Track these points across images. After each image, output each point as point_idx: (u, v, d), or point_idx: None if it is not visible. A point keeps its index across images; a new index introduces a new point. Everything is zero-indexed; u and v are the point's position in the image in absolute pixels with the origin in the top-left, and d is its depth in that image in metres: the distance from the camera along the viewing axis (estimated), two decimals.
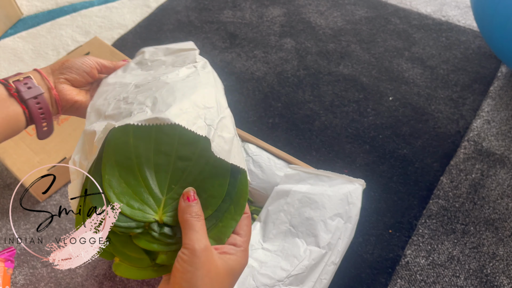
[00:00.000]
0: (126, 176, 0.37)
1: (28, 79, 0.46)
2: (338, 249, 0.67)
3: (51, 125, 0.48)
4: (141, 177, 0.37)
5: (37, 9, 1.36)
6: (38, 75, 0.47)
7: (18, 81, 0.45)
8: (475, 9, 0.98)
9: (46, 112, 0.46)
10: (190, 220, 0.35)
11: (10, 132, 0.45)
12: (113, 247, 0.38)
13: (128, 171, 0.37)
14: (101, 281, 0.78)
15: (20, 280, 0.79)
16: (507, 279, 0.75)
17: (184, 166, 0.38)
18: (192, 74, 0.45)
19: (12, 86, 0.44)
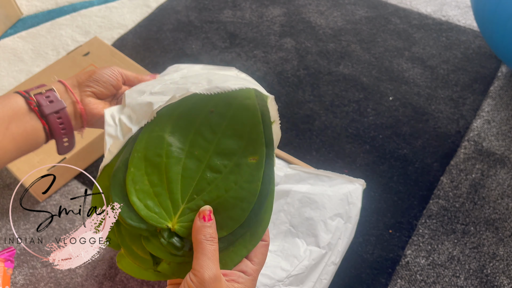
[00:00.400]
0: (152, 174, 0.35)
1: (50, 91, 0.44)
2: (338, 249, 0.67)
3: (73, 140, 0.46)
4: (166, 178, 0.35)
5: (37, 9, 1.36)
6: (62, 87, 0.45)
7: (39, 94, 0.43)
8: (475, 9, 0.98)
9: (68, 127, 0.44)
10: (203, 243, 0.33)
11: (28, 148, 0.43)
12: (121, 238, 0.37)
13: (155, 169, 0.35)
14: (101, 281, 0.78)
15: (20, 280, 0.78)
16: (507, 279, 0.75)
17: (212, 178, 0.35)
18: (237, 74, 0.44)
19: (33, 99, 0.42)
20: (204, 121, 0.37)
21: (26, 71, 1.18)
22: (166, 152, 0.36)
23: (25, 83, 1.04)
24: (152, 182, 0.35)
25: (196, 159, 0.36)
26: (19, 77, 1.16)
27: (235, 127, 0.36)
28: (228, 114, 0.37)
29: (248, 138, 0.36)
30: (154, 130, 0.37)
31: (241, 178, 0.35)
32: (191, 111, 0.37)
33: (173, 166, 0.35)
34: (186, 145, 0.36)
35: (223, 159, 0.36)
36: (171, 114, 0.37)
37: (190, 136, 0.36)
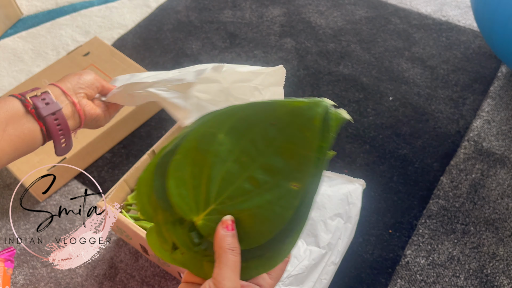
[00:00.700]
0: (195, 166, 0.35)
1: (46, 94, 0.44)
2: (338, 249, 0.67)
3: (70, 141, 0.47)
4: (207, 175, 0.35)
5: (37, 9, 1.36)
6: (57, 90, 0.46)
7: (35, 97, 0.44)
8: (475, 9, 0.98)
9: (65, 128, 0.45)
10: (227, 253, 0.32)
11: (26, 150, 0.44)
12: (155, 213, 0.37)
13: (200, 163, 0.35)
14: (101, 281, 0.78)
15: (20, 280, 0.79)
16: (507, 279, 0.75)
17: (249, 189, 0.35)
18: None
19: (29, 102, 0.43)
20: (262, 131, 0.36)
21: (26, 71, 1.18)
22: (216, 150, 0.35)
23: (25, 83, 1.04)
24: (193, 173, 0.35)
25: (241, 166, 0.35)
26: (19, 77, 1.16)
27: (290, 146, 0.35)
28: (287, 132, 0.35)
29: (298, 162, 0.35)
30: (211, 125, 0.36)
31: (277, 201, 0.34)
32: (253, 117, 0.36)
33: (217, 165, 0.35)
34: (236, 150, 0.36)
35: (266, 175, 0.35)
36: (232, 114, 0.37)
37: (243, 142, 0.36)
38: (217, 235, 0.33)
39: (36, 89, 0.45)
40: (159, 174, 0.36)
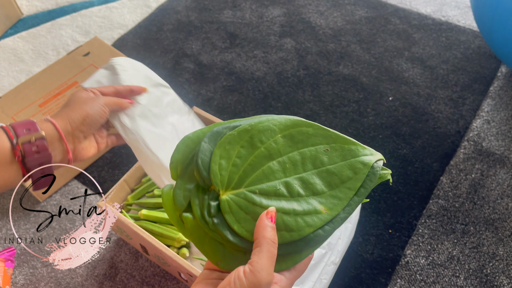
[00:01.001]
0: (244, 148, 0.37)
1: (40, 141, 0.41)
2: (338, 249, 0.67)
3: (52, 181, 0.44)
4: (250, 161, 0.37)
5: (37, 9, 1.36)
6: (54, 133, 0.42)
7: (28, 143, 0.40)
8: (475, 9, 0.98)
9: (49, 178, 0.42)
10: (269, 243, 0.32)
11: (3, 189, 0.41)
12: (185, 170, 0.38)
13: (249, 148, 0.37)
14: (101, 281, 0.78)
15: (20, 280, 0.79)
16: (507, 279, 0.75)
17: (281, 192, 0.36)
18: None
19: (19, 149, 0.40)
20: (314, 152, 0.38)
21: (26, 71, 1.18)
22: (269, 145, 0.37)
23: (26, 83, 1.04)
24: (240, 153, 0.37)
25: (283, 169, 0.37)
26: (19, 77, 1.17)
27: (334, 178, 0.37)
28: (337, 163, 0.38)
29: (335, 195, 0.36)
30: (276, 124, 0.38)
31: (302, 214, 0.36)
32: (313, 136, 0.38)
33: (263, 157, 0.37)
34: (286, 154, 0.37)
35: (302, 189, 0.37)
36: (297, 124, 0.39)
37: (294, 152, 0.38)
38: (261, 223, 0.33)
39: (32, 128, 0.41)
40: (211, 139, 0.37)
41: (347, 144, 0.38)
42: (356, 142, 0.38)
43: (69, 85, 1.02)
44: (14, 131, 0.41)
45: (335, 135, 0.38)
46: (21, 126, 0.41)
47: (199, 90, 1.09)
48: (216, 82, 1.10)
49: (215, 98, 1.06)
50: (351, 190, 0.37)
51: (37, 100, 1.01)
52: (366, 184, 0.37)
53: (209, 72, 1.13)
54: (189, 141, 0.38)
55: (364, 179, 0.37)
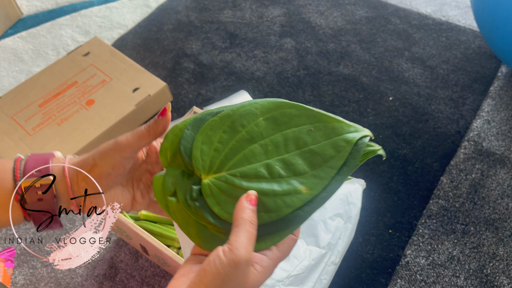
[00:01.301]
0: (226, 133, 0.37)
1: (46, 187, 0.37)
2: (338, 249, 0.67)
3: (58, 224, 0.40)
4: (231, 145, 0.37)
5: (37, 9, 1.36)
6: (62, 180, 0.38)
7: (32, 188, 0.37)
8: (475, 9, 0.98)
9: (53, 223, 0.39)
10: (247, 224, 0.32)
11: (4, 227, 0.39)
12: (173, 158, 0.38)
13: (231, 133, 0.37)
14: (101, 281, 0.78)
15: (20, 280, 0.78)
16: (507, 279, 0.75)
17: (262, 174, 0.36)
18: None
19: (20, 192, 0.37)
20: (297, 132, 0.38)
21: (26, 71, 1.18)
22: (250, 129, 0.38)
23: (26, 83, 1.04)
24: (221, 138, 0.37)
25: (265, 151, 0.37)
26: (19, 77, 1.16)
27: (316, 156, 0.37)
28: (320, 142, 0.37)
29: (317, 172, 0.36)
30: (257, 108, 0.38)
31: (282, 195, 0.36)
32: (296, 117, 0.38)
33: (245, 141, 0.37)
34: (268, 137, 0.38)
35: (283, 170, 0.37)
36: (279, 106, 0.39)
37: (277, 134, 0.38)
38: (239, 205, 0.33)
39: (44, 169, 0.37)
40: (194, 126, 0.38)
41: (331, 122, 0.38)
42: (341, 120, 0.38)
43: (69, 85, 1.02)
44: (25, 168, 0.38)
45: (319, 114, 0.38)
46: (33, 164, 0.38)
47: (199, 90, 1.08)
48: (216, 82, 1.10)
49: (215, 98, 1.06)
50: (333, 169, 0.36)
51: (37, 100, 1.00)
52: (349, 162, 0.37)
53: (209, 72, 1.12)
54: (177, 129, 0.39)
55: (347, 157, 0.37)
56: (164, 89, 1.01)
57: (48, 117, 0.97)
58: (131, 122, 0.99)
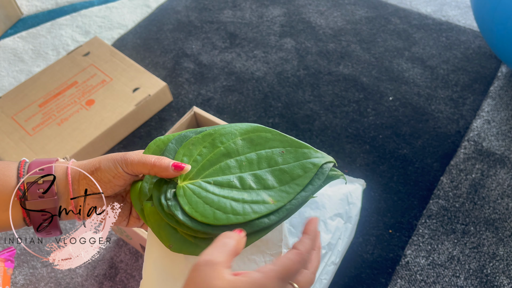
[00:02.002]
0: (206, 148, 0.41)
1: (48, 184, 0.37)
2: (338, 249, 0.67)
3: (57, 231, 0.40)
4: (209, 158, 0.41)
5: (37, 9, 1.36)
6: (63, 180, 0.39)
7: (35, 184, 0.37)
8: (475, 9, 0.98)
9: (53, 225, 0.39)
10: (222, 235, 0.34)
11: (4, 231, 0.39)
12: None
13: (210, 148, 0.41)
14: (101, 281, 0.78)
15: (20, 280, 0.79)
16: (507, 279, 0.75)
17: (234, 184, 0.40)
18: None
19: (22, 188, 0.37)
20: (270, 154, 0.42)
21: (26, 71, 1.18)
22: (228, 146, 0.42)
23: (26, 83, 1.04)
24: (201, 152, 0.41)
25: (239, 166, 0.42)
26: (19, 77, 1.16)
27: (285, 176, 0.41)
28: (289, 163, 0.42)
29: (284, 190, 0.41)
30: (237, 129, 0.43)
31: (250, 202, 0.40)
32: (271, 141, 0.43)
33: (221, 155, 0.41)
34: (243, 154, 0.42)
35: (254, 182, 0.41)
36: (256, 130, 0.43)
37: (252, 153, 0.42)
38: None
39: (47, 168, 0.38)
40: (178, 141, 0.42)
41: (301, 147, 0.43)
42: (310, 146, 0.43)
43: (69, 85, 1.02)
44: (28, 168, 0.38)
45: (291, 140, 0.43)
46: (37, 164, 0.38)
47: (199, 90, 1.08)
48: (216, 82, 1.10)
49: (215, 98, 1.06)
50: (299, 186, 0.41)
51: (37, 100, 1.01)
52: (314, 182, 0.42)
53: (209, 72, 1.12)
54: (160, 142, 0.43)
55: (312, 177, 0.42)
56: (164, 89, 1.02)
57: (48, 117, 0.97)
58: (131, 122, 0.99)
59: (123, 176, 0.39)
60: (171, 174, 0.39)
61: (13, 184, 0.38)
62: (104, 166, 0.39)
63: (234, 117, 1.02)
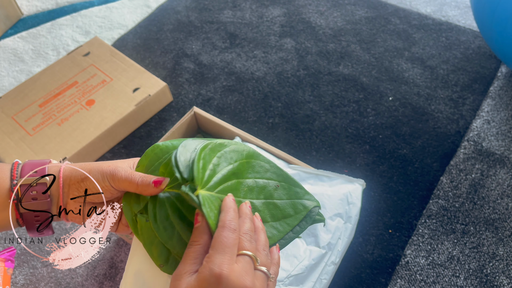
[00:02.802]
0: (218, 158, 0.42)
1: (41, 186, 0.38)
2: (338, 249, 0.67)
3: (50, 231, 0.41)
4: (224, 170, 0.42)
5: (37, 9, 1.36)
6: (55, 182, 0.39)
7: (28, 187, 0.38)
8: (475, 9, 0.98)
9: (45, 226, 0.40)
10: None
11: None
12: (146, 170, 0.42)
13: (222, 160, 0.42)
14: (101, 281, 0.78)
15: (20, 280, 0.79)
16: (507, 279, 0.75)
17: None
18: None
19: (16, 190, 0.38)
20: (267, 184, 0.44)
21: (27, 71, 1.18)
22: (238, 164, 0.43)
23: (26, 83, 1.04)
24: (214, 162, 0.41)
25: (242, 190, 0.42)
26: (20, 77, 1.17)
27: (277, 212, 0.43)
28: (282, 199, 0.44)
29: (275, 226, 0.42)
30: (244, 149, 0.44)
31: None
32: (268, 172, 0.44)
33: (232, 174, 0.42)
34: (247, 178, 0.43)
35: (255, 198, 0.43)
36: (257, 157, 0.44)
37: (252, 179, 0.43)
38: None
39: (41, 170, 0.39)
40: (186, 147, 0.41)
41: (295, 186, 0.45)
42: (301, 186, 0.45)
43: (69, 85, 1.03)
44: (22, 170, 0.39)
45: (286, 175, 0.45)
46: (31, 166, 0.39)
47: (199, 90, 1.09)
48: (216, 82, 1.10)
49: (215, 98, 1.06)
50: (289, 226, 0.43)
51: (37, 100, 1.01)
52: (302, 224, 0.43)
53: (209, 72, 1.13)
54: (158, 150, 0.43)
55: (301, 219, 0.43)
56: (164, 89, 1.02)
57: (48, 117, 0.97)
58: (131, 122, 0.99)
59: (110, 190, 0.39)
60: (153, 191, 0.38)
61: (6, 187, 0.38)
62: (93, 176, 0.39)
63: (234, 117, 1.02)
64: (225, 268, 0.32)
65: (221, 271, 0.32)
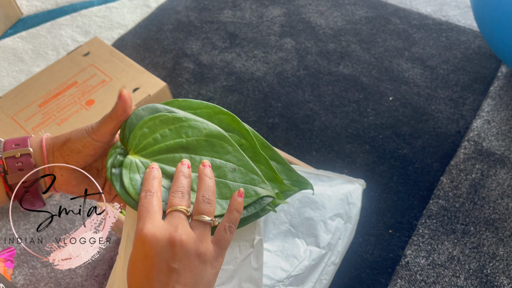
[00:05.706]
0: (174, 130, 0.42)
1: (26, 157, 0.39)
2: (338, 249, 0.67)
3: (40, 202, 0.42)
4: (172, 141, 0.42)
5: (37, 9, 1.36)
6: (39, 152, 0.41)
7: (12, 158, 0.39)
8: (475, 9, 0.98)
9: (34, 195, 0.41)
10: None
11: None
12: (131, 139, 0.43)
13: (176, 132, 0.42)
14: (101, 281, 0.78)
15: (20, 280, 0.78)
16: (507, 279, 0.75)
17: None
18: None
19: (1, 164, 0.39)
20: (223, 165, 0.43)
21: (26, 71, 1.18)
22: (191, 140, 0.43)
23: (26, 83, 1.04)
24: (164, 132, 0.42)
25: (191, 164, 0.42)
26: (19, 77, 1.16)
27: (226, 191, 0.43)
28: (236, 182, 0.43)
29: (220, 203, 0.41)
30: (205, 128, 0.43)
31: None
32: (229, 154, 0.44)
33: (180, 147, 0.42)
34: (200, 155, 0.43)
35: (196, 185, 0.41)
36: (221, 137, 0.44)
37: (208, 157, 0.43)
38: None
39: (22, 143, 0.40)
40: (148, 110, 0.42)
41: (253, 173, 0.44)
42: (260, 175, 0.44)
43: (69, 85, 1.02)
44: (4, 145, 0.40)
45: (247, 162, 0.44)
46: (12, 141, 0.40)
47: (199, 90, 1.08)
48: (216, 82, 1.10)
49: (215, 98, 1.06)
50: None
51: (37, 100, 1.00)
52: (249, 209, 0.43)
53: (209, 72, 1.12)
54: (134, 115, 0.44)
55: (250, 203, 0.43)
56: (164, 89, 1.01)
57: (48, 117, 0.97)
58: None
59: (93, 144, 0.41)
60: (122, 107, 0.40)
61: None
62: (74, 136, 0.41)
63: None
64: (146, 229, 0.35)
65: (141, 232, 0.34)
